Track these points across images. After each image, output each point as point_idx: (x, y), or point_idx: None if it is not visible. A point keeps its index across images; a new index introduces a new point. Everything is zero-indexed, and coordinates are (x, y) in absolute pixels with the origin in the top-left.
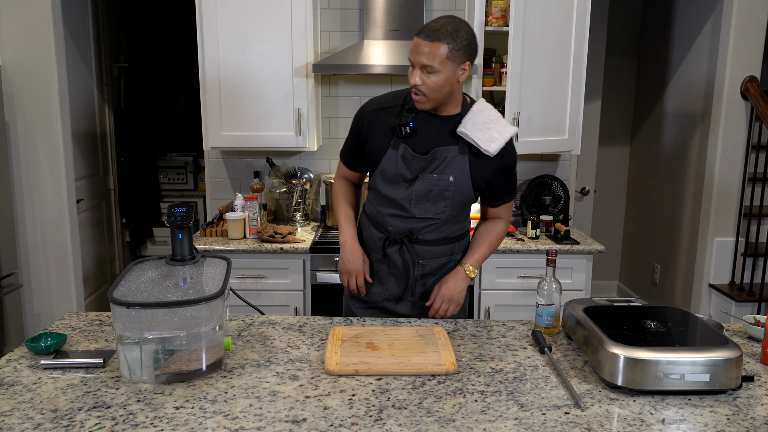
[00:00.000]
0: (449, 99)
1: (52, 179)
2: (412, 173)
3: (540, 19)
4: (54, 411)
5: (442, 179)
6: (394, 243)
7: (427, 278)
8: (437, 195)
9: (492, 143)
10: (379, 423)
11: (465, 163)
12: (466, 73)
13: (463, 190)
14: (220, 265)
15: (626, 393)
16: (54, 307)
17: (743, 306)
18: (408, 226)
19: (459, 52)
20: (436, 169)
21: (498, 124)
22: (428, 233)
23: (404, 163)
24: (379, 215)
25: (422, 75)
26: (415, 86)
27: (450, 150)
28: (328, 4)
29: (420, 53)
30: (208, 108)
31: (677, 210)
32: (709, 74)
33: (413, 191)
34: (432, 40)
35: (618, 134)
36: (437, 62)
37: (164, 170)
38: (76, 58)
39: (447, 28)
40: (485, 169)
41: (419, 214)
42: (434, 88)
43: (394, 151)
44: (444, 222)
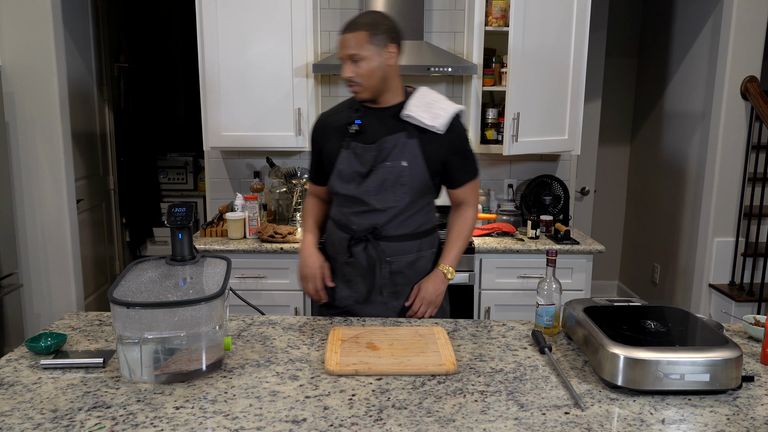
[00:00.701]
0: (386, 86)
1: (52, 179)
2: (366, 166)
3: (540, 19)
4: (54, 411)
5: (396, 166)
6: (359, 241)
7: (396, 276)
8: (393, 182)
9: (437, 119)
10: (379, 423)
11: (416, 147)
12: (395, 57)
13: (418, 174)
14: (220, 265)
15: (626, 393)
16: (54, 307)
17: (743, 306)
18: (371, 222)
19: (379, 36)
20: (388, 156)
21: (441, 103)
22: (392, 228)
23: (356, 158)
24: (343, 216)
25: (352, 66)
26: (349, 79)
27: (398, 137)
28: (328, 4)
29: (345, 46)
30: (208, 108)
31: (677, 210)
32: (709, 74)
33: (370, 183)
34: (352, 31)
35: (618, 134)
36: (361, 48)
37: (164, 170)
38: (76, 58)
39: (365, 19)
40: (437, 149)
41: (379, 204)
42: (366, 75)
43: (346, 150)
44: (405, 212)
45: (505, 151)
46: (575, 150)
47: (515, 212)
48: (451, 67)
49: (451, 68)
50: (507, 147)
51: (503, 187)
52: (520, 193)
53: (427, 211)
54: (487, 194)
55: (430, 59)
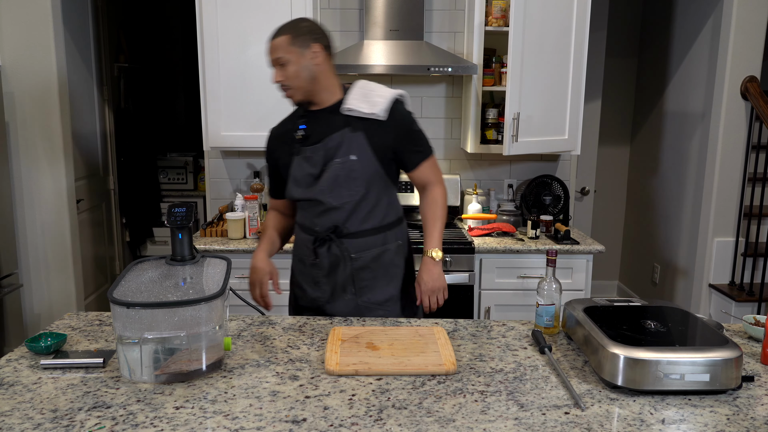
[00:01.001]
0: (318, 86)
1: (52, 179)
2: (317, 167)
3: (540, 19)
4: (54, 411)
5: (345, 161)
6: (323, 242)
7: (361, 272)
8: (346, 177)
9: (376, 106)
10: (379, 423)
11: (362, 139)
12: (320, 55)
13: (369, 165)
14: (220, 265)
15: (626, 393)
16: (54, 307)
17: (743, 306)
18: (331, 221)
19: (301, 37)
20: (337, 153)
21: (379, 90)
22: (353, 224)
23: (306, 162)
24: (306, 218)
25: (280, 71)
26: (279, 83)
27: (343, 132)
28: (328, 4)
29: (271, 52)
30: (208, 108)
31: (677, 210)
32: (709, 74)
33: (323, 182)
34: (275, 37)
35: (618, 134)
36: (284, 52)
37: (164, 170)
38: (76, 58)
39: (287, 24)
40: (384, 138)
41: (335, 201)
42: (293, 77)
43: (297, 157)
44: (364, 206)
45: (505, 151)
46: (575, 150)
47: (515, 212)
48: (451, 67)
49: (451, 68)
50: (507, 147)
51: (503, 187)
52: (520, 193)
53: (388, 203)
54: (487, 194)
55: (430, 59)
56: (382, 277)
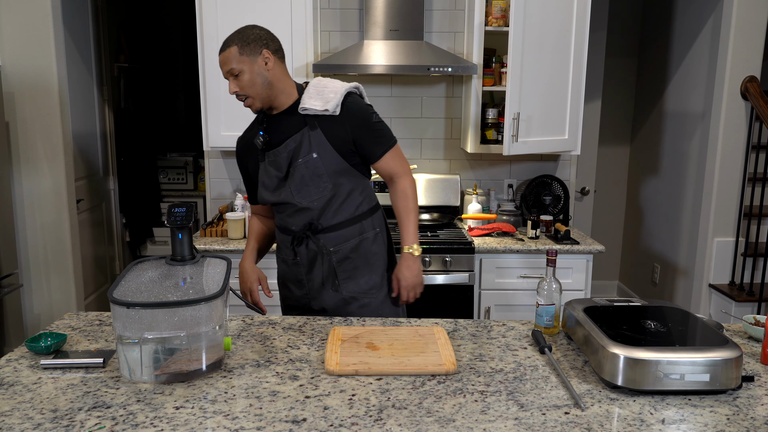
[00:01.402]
0: (275, 91)
1: (52, 179)
2: (282, 170)
3: (540, 19)
4: (54, 411)
5: (308, 160)
6: (301, 240)
7: (343, 263)
8: (312, 176)
9: (329, 102)
10: (379, 423)
11: (320, 136)
12: (272, 60)
13: (331, 161)
14: (220, 265)
15: (626, 393)
16: (54, 307)
17: (743, 306)
18: (305, 219)
19: (249, 45)
20: (298, 154)
21: (332, 86)
22: (326, 219)
23: (272, 166)
24: (282, 220)
25: (234, 81)
26: (235, 94)
27: (302, 132)
28: (328, 4)
29: (222, 65)
30: (208, 108)
31: (677, 210)
32: (709, 74)
33: (290, 184)
34: (224, 50)
35: (618, 134)
36: (235, 63)
37: (164, 170)
38: (76, 58)
39: (234, 35)
40: (341, 132)
41: (305, 202)
42: (248, 86)
43: (263, 163)
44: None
45: (505, 151)
46: (575, 150)
47: (515, 212)
48: (451, 67)
49: (451, 68)
50: (507, 147)
51: (503, 187)
52: (520, 193)
53: (361, 192)
54: (487, 194)
55: (430, 59)
56: (363, 267)
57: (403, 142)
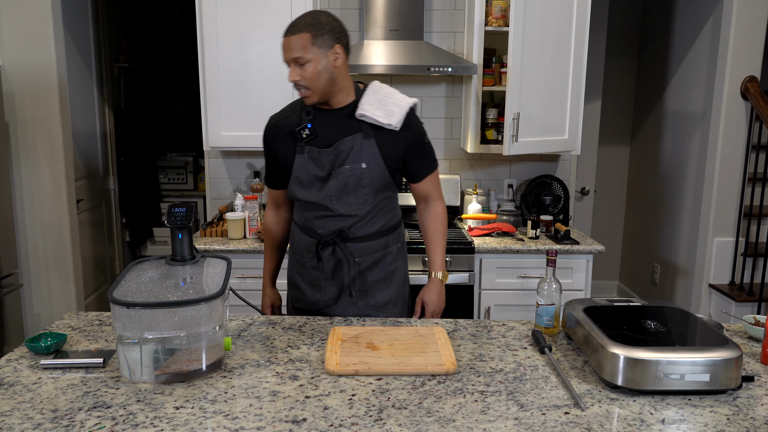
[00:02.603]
0: (336, 88)
1: (52, 179)
2: (324, 170)
3: (540, 19)
4: (54, 411)
5: (355, 168)
6: (327, 245)
7: (364, 275)
8: (355, 185)
9: (392, 116)
10: (379, 423)
11: (373, 147)
12: (341, 57)
13: (378, 174)
14: (220, 265)
15: (626, 393)
16: (54, 307)
17: (743, 306)
18: (337, 225)
19: (323, 37)
20: (346, 159)
21: (395, 98)
22: (359, 228)
23: (313, 162)
24: (307, 220)
25: (298, 69)
26: (295, 83)
27: (355, 138)
28: (328, 4)
29: (289, 49)
30: (208, 108)
31: (677, 210)
32: (709, 74)
33: (330, 188)
34: (294, 34)
35: (618, 134)
36: (304, 51)
37: (164, 170)
38: (76, 58)
39: (306, 20)
40: (395, 147)
41: (343, 209)
42: (312, 78)
43: (300, 155)
44: (371, 212)
45: (505, 151)
46: (575, 150)
47: (515, 212)
48: (451, 67)
49: (451, 68)
50: (507, 147)
51: (503, 187)
52: (520, 193)
53: (391, 207)
54: (487, 194)
55: (430, 59)
56: (382, 281)
57: None
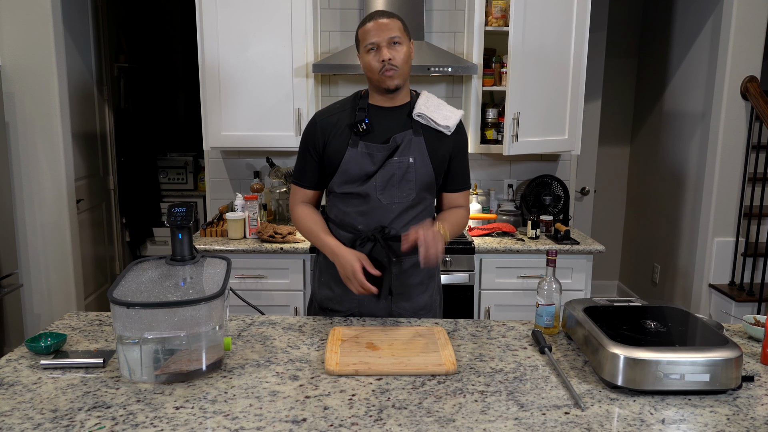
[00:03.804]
0: (406, 81)
1: (52, 179)
2: (376, 165)
3: (540, 19)
4: (54, 411)
5: (403, 161)
6: (366, 241)
7: (402, 277)
8: (400, 178)
9: (448, 120)
10: (379, 423)
11: (422, 145)
12: (413, 52)
13: (424, 171)
14: (220, 265)
15: (626, 393)
16: (54, 307)
17: (743, 306)
18: (377, 221)
19: (407, 29)
20: (396, 152)
21: (448, 106)
22: (400, 226)
23: (367, 158)
24: (346, 215)
25: (391, 49)
26: (387, 61)
27: (406, 134)
28: (328, 4)
29: (385, 29)
30: (208, 108)
31: (677, 210)
32: (709, 74)
33: (377, 178)
34: (389, 17)
35: (618, 134)
36: (401, 33)
37: (164, 170)
38: (76, 58)
39: (390, 12)
40: (442, 149)
41: (386, 200)
42: (403, 60)
43: (353, 149)
44: (411, 209)
45: (505, 151)
46: (575, 150)
47: (515, 212)
48: (451, 67)
49: (451, 68)
50: (507, 147)
51: (503, 187)
52: (520, 193)
53: (429, 212)
54: (487, 194)
55: (430, 59)
56: (417, 285)
57: None
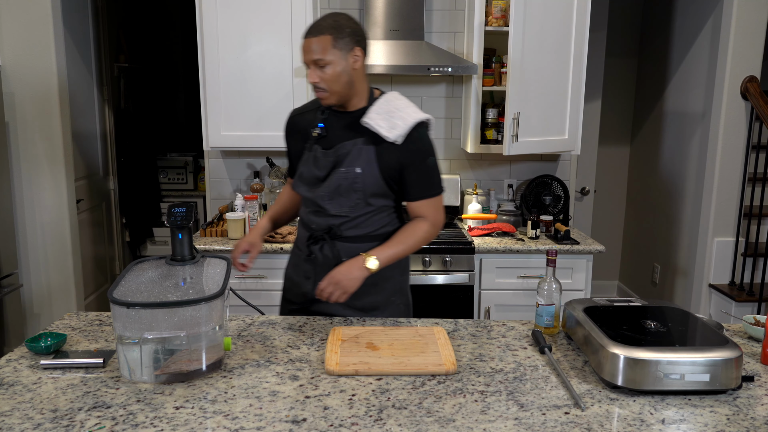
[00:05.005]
0: (353, 91)
1: (52, 179)
2: (323, 171)
3: (540, 19)
4: (54, 411)
5: (350, 172)
6: (317, 240)
7: None
8: (348, 188)
9: (393, 129)
10: (379, 423)
11: (371, 154)
12: (361, 60)
13: (372, 182)
14: (220, 265)
15: (626, 393)
16: (54, 307)
17: (743, 306)
18: (327, 222)
19: (344, 39)
20: (343, 162)
21: (404, 112)
22: (348, 229)
23: (315, 162)
24: (305, 215)
25: (317, 71)
26: (314, 84)
27: (355, 142)
28: (328, 4)
29: (309, 51)
30: (208, 108)
31: (677, 210)
32: (709, 74)
33: (324, 187)
34: (315, 35)
35: (618, 134)
36: (326, 53)
37: (164, 170)
38: (76, 58)
39: (327, 22)
40: (392, 159)
41: (334, 210)
42: (332, 80)
43: (309, 153)
44: (363, 215)
45: (505, 151)
46: (575, 150)
47: (515, 212)
48: (451, 67)
49: (451, 68)
50: (507, 147)
51: (503, 187)
52: (520, 193)
53: (387, 213)
54: (487, 194)
55: (430, 59)
56: (371, 285)
57: None
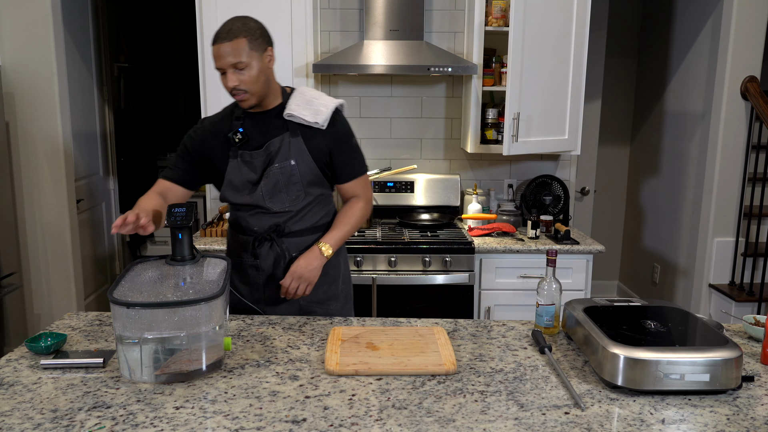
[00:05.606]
0: (270, 89)
1: (52, 179)
2: (257, 172)
3: (540, 19)
4: (54, 411)
5: (285, 166)
6: (264, 241)
7: None
8: (286, 183)
9: (318, 115)
10: (379, 423)
11: (301, 144)
12: (273, 58)
13: (308, 171)
14: (220, 265)
15: (626, 393)
16: (54, 307)
17: (743, 306)
18: (272, 221)
19: (257, 40)
20: (276, 158)
21: (321, 99)
22: (294, 224)
23: (246, 166)
24: (243, 219)
25: (236, 75)
26: (234, 89)
27: (283, 137)
28: (328, 4)
29: (226, 56)
30: (208, 108)
31: (677, 210)
32: (709, 74)
33: (262, 188)
34: (230, 39)
35: (618, 134)
36: (245, 56)
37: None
38: (76, 58)
39: (237, 25)
40: (322, 144)
41: (276, 207)
42: (251, 82)
43: (234, 160)
44: (305, 208)
45: (505, 151)
46: (575, 150)
47: (515, 212)
48: (451, 67)
49: (451, 68)
50: (507, 147)
51: (503, 187)
52: (520, 193)
53: (325, 204)
54: (487, 194)
55: (430, 59)
56: (323, 276)
57: (403, 142)
